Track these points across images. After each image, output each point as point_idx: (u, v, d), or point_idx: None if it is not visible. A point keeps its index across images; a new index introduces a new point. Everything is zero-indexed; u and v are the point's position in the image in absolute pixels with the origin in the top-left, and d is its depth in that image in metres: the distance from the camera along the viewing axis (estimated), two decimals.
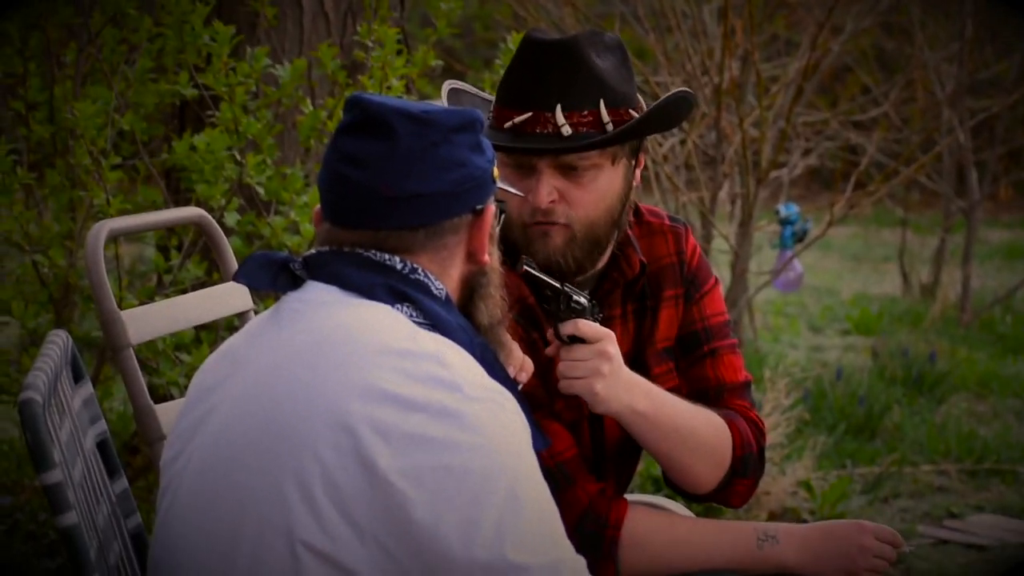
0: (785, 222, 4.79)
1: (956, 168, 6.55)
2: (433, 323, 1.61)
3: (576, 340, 1.92)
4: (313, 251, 1.66)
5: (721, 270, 4.87)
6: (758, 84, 4.53)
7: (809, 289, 6.70)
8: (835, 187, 6.78)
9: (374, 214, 1.63)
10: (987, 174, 6.57)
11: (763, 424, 2.11)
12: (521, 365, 1.81)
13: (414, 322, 1.60)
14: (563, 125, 1.96)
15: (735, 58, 4.62)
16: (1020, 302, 6.58)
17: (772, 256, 4.83)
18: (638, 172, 2.06)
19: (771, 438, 3.79)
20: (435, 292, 1.64)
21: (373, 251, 1.63)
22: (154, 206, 2.94)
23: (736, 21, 4.59)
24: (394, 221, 1.63)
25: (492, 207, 1.70)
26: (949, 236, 6.49)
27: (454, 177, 1.64)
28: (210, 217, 2.30)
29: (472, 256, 1.68)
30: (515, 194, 1.95)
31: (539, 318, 1.99)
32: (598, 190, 1.99)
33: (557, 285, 1.94)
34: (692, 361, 2.10)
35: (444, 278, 1.66)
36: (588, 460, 2.03)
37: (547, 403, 1.98)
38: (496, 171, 1.70)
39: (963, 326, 6.15)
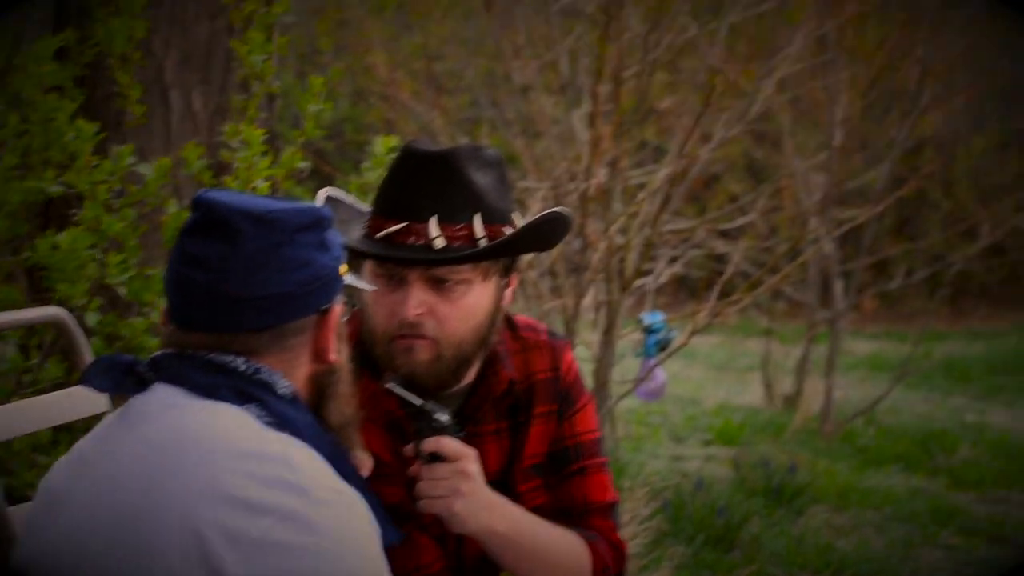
0: (649, 331, 4.98)
1: (822, 278, 6.84)
2: (280, 423, 1.66)
3: (437, 458, 2.00)
4: (159, 353, 1.71)
5: (584, 378, 5.05)
6: (625, 191, 4.74)
7: (672, 398, 6.93)
8: (701, 296, 7.04)
9: (217, 316, 1.68)
10: (852, 284, 6.86)
11: (625, 547, 2.20)
12: (364, 464, 1.86)
13: (261, 422, 1.65)
14: (436, 237, 2.04)
15: (603, 164, 4.83)
16: (882, 414, 6.87)
17: (636, 365, 5.02)
18: (510, 290, 2.15)
19: (629, 548, 3.95)
20: (281, 391, 1.69)
21: (216, 353, 1.68)
22: (14, 304, 3.00)
23: (604, 128, 4.80)
24: (238, 323, 1.68)
25: (339, 306, 1.75)
26: (813, 347, 6.76)
27: (299, 278, 1.69)
28: (69, 317, 2.35)
29: (319, 355, 1.73)
30: (366, 289, 2.01)
31: (407, 432, 2.06)
32: (467, 306, 2.06)
33: (418, 403, 2.02)
34: (561, 478, 2.19)
35: (291, 377, 1.71)
36: (451, 573, 2.12)
37: (416, 515, 2.06)
38: (344, 268, 1.76)
39: (825, 437, 6.40)
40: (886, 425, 6.79)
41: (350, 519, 1.61)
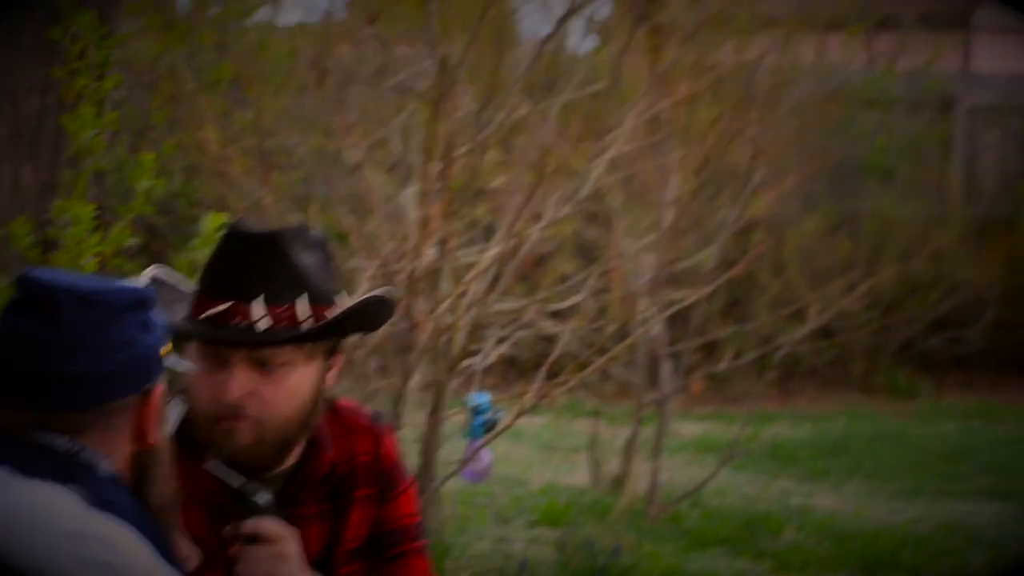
0: (476, 411, 5.09)
1: (650, 359, 7.01)
2: (102, 504, 1.69)
3: (256, 540, 2.06)
4: None
5: (410, 459, 5.12)
6: (454, 270, 4.85)
7: (498, 479, 7.02)
8: (529, 376, 7.16)
9: (39, 395, 1.72)
10: (681, 366, 7.04)
11: None
12: (188, 554, 1.91)
13: (84, 503, 1.68)
14: (259, 318, 2.10)
15: (432, 243, 4.93)
16: (708, 496, 7.04)
17: (462, 445, 5.11)
18: (333, 372, 2.22)
19: None
20: (102, 472, 1.73)
21: (38, 432, 1.72)
22: None
23: (434, 206, 4.91)
24: (60, 402, 1.72)
25: (161, 387, 1.81)
26: (641, 428, 6.91)
27: (122, 357, 1.74)
28: None
29: (140, 436, 1.78)
30: (189, 370, 2.05)
31: (228, 513, 2.11)
32: (290, 387, 2.13)
33: (239, 484, 2.07)
34: (382, 562, 2.25)
35: (113, 457, 1.75)
36: None
37: None
38: (166, 349, 1.82)
39: (651, 519, 6.55)
40: (712, 507, 6.96)
41: None
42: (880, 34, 18.94)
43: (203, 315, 2.12)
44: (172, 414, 2.01)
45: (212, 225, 3.49)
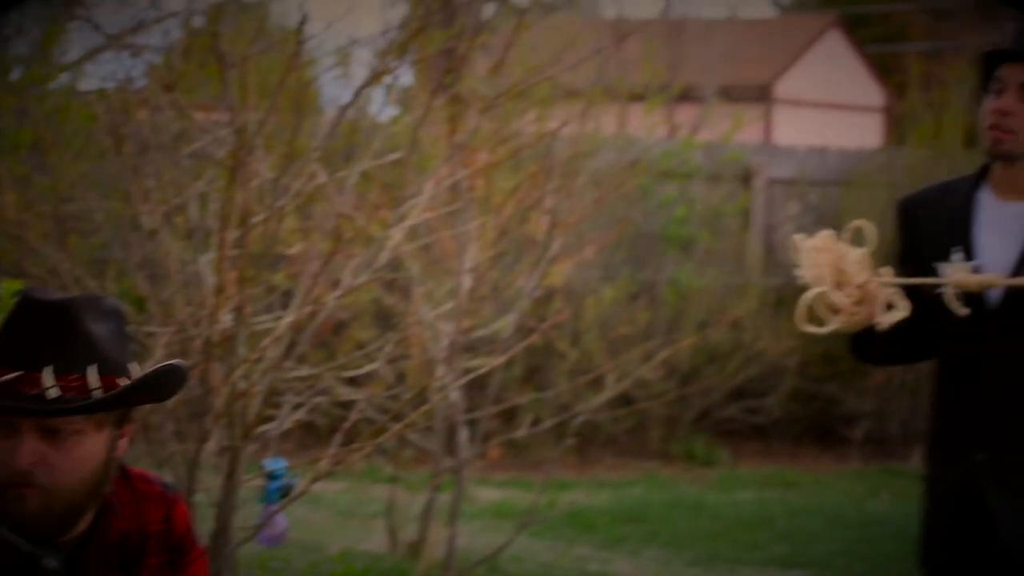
0: (271, 477, 5.18)
1: (448, 426, 7.17)
2: None
3: None
4: None
5: (205, 524, 5.21)
6: (251, 336, 4.96)
7: (295, 544, 7.11)
8: (327, 442, 7.27)
9: None
10: (479, 433, 7.21)
11: None
12: None
13: None
14: (50, 387, 2.21)
15: (228, 310, 5.04)
16: (505, 563, 7.21)
17: (259, 511, 5.20)
18: (124, 440, 2.33)
19: None
20: None
21: None
22: None
23: (231, 273, 5.02)
24: None
25: None
26: (438, 494, 7.06)
27: None
28: None
29: None
30: None
31: None
32: (79, 456, 2.23)
33: (27, 550, 2.16)
34: None
35: None
36: None
37: None
38: None
39: None
40: (510, 573, 7.14)
41: None
42: (681, 105, 19.52)
43: None
44: None
45: (7, 292, 3.57)
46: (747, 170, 12.24)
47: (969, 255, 3.77)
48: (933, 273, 3.80)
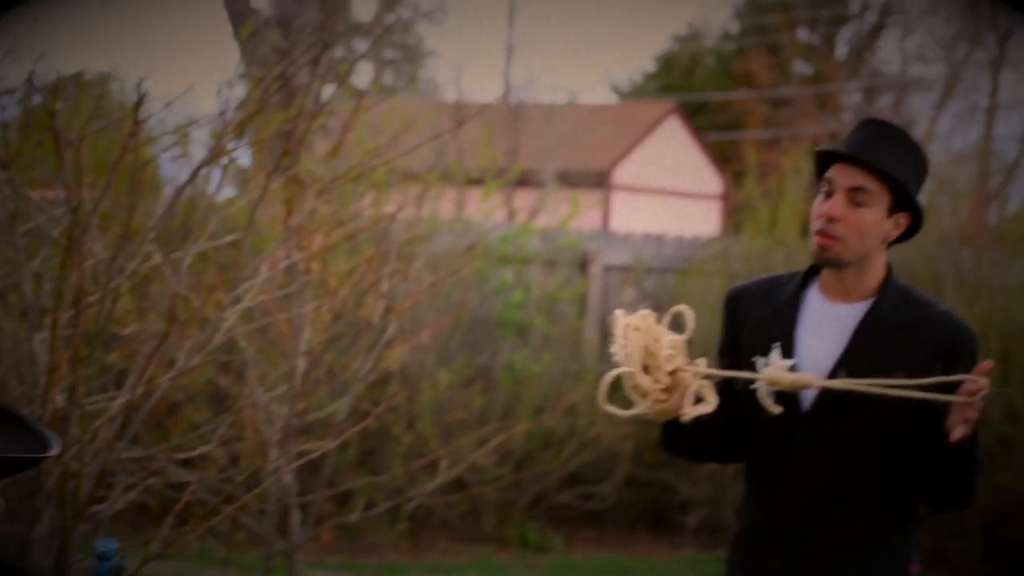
0: (103, 557, 5.26)
1: (281, 508, 7.28)
2: None
3: None
4: None
5: None
6: (84, 416, 5.04)
7: None
8: (160, 523, 7.33)
9: None
10: (311, 516, 7.32)
11: None
12: None
13: None
14: None
15: (60, 390, 5.12)
16: None
17: None
18: None
19: None
20: None
21: None
22: None
23: (64, 353, 5.11)
24: None
25: None
26: None
27: None
28: None
29: None
30: None
31: None
32: None
33: None
34: None
35: None
36: None
37: None
38: None
39: None
40: None
41: None
42: (520, 190, 19.87)
43: None
44: None
45: None
46: (584, 256, 12.46)
47: (788, 353, 3.82)
48: (751, 367, 3.84)
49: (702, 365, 3.82)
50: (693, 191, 33.65)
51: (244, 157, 8.50)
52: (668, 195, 32.56)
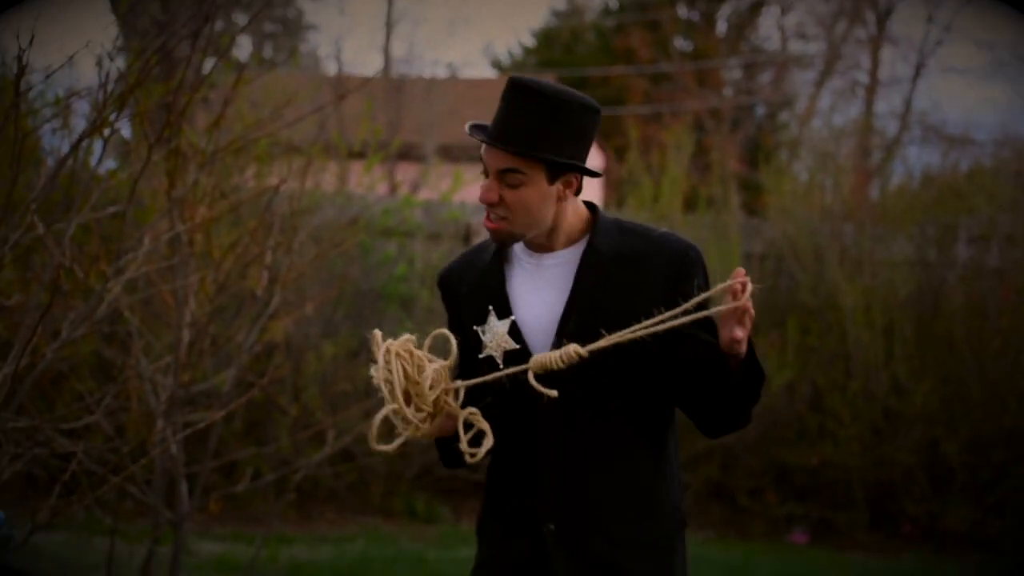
0: None
1: (168, 479, 7.32)
2: None
3: None
4: None
5: None
6: None
7: None
8: (48, 493, 7.34)
9: None
10: (198, 486, 7.36)
11: None
12: None
13: None
14: None
15: None
16: None
17: None
18: None
19: None
20: None
21: None
22: None
23: None
24: None
25: None
26: (158, 547, 7.20)
27: None
28: None
29: None
30: None
31: None
32: None
33: None
34: None
35: None
36: None
37: None
38: None
39: None
40: None
41: None
42: (402, 164, 19.93)
43: None
44: None
45: None
46: (468, 229, 12.56)
47: (505, 312, 3.78)
48: (476, 338, 3.80)
49: (461, 389, 3.74)
50: None
51: (125, 129, 8.51)
52: None
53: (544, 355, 3.60)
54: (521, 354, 3.73)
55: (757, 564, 10.25)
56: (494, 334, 3.75)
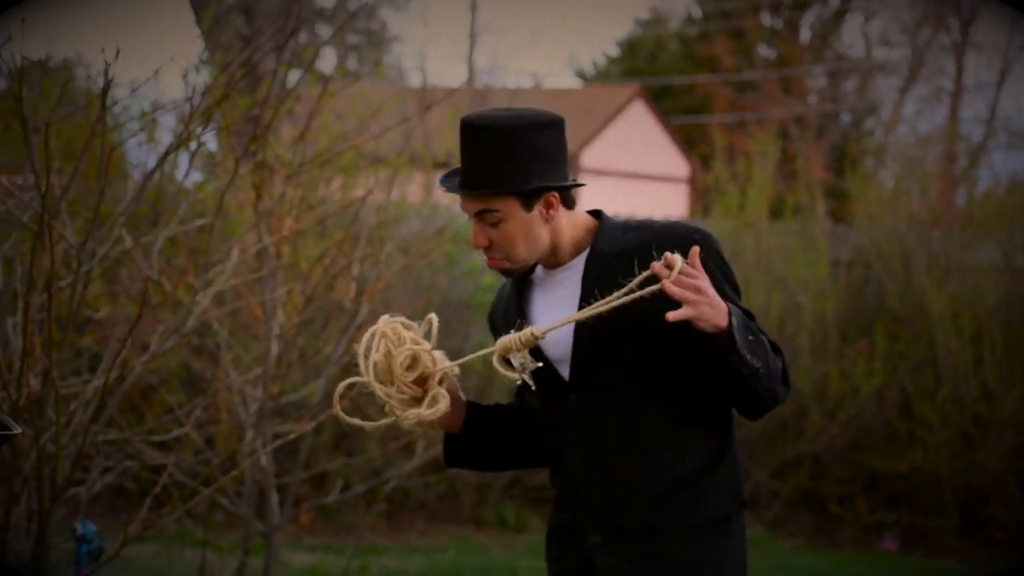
0: (82, 540, 5.28)
1: (258, 490, 7.30)
2: None
3: None
4: None
5: None
6: (58, 399, 5.05)
7: None
8: (138, 505, 7.35)
9: None
10: (289, 497, 7.34)
11: None
12: None
13: None
14: None
15: (35, 374, 5.13)
16: None
17: (69, 574, 5.27)
18: None
19: None
20: None
21: None
22: None
23: (36, 337, 5.13)
24: None
25: None
26: (249, 558, 7.18)
27: None
28: None
29: None
30: None
31: None
32: None
33: None
34: None
35: None
36: None
37: None
38: None
39: None
40: None
41: None
42: None
43: None
44: None
45: None
46: None
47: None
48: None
49: (443, 363, 3.67)
50: (660, 174, 33.73)
51: (211, 142, 8.52)
52: (635, 178, 32.63)
53: (505, 337, 3.54)
54: (547, 371, 3.67)
55: (847, 572, 10.11)
56: (519, 358, 3.63)
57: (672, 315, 3.38)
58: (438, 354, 3.66)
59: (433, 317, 3.67)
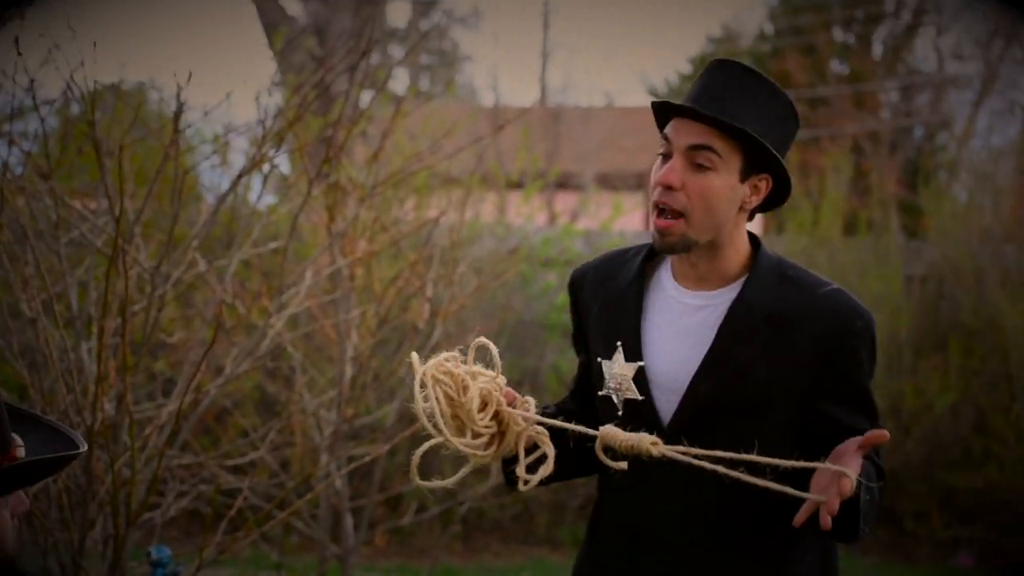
0: (157, 564, 5.25)
1: (333, 513, 7.25)
2: None
3: None
4: None
5: None
6: (132, 424, 5.03)
7: None
8: (213, 529, 7.32)
9: None
10: (364, 520, 7.29)
11: None
12: None
13: None
14: None
15: (110, 398, 5.11)
16: None
17: None
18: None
19: None
20: None
21: None
22: None
23: (111, 361, 5.10)
24: None
25: None
26: None
27: None
28: None
29: None
30: None
31: None
32: None
33: None
34: None
35: None
36: None
37: None
38: None
39: None
40: None
41: None
42: (560, 193, 19.82)
43: None
44: None
45: None
46: None
47: (636, 354, 3.23)
48: (599, 370, 3.29)
49: (531, 407, 3.18)
50: None
51: (284, 165, 8.51)
52: None
53: (614, 433, 3.00)
54: (643, 406, 3.19)
55: None
56: (618, 377, 3.22)
57: (800, 518, 2.87)
58: (501, 379, 3.21)
59: (484, 340, 3.18)
